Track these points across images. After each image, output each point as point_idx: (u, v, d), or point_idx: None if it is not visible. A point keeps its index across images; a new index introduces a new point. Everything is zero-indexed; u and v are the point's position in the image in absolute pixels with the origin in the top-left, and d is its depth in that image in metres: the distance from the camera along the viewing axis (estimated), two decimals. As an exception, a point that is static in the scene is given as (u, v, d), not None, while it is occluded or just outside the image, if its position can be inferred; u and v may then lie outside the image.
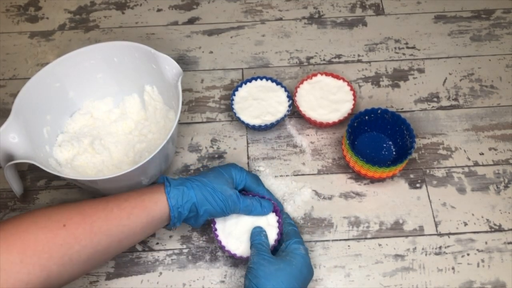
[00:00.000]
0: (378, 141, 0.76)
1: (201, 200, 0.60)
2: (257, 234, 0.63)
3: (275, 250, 0.64)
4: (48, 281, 0.50)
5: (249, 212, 0.64)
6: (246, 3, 0.95)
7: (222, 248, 0.64)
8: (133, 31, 0.91)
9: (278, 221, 0.66)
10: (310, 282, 0.64)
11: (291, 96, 0.78)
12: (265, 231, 0.64)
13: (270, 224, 0.65)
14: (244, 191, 0.67)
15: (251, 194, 0.66)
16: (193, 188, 0.60)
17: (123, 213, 0.56)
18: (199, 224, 0.63)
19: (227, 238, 0.65)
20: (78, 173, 0.72)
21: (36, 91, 0.69)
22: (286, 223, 0.65)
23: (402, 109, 0.81)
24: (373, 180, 0.74)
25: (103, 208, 0.56)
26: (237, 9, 0.94)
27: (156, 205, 0.58)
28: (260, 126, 0.76)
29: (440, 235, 0.69)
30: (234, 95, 0.79)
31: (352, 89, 0.79)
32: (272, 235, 0.65)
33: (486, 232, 0.69)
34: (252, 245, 0.63)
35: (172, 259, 0.68)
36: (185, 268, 0.67)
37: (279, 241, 0.64)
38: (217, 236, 0.65)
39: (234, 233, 0.65)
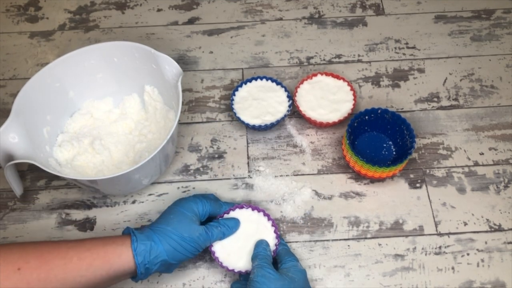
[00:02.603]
0: (378, 141, 0.76)
1: (171, 253, 0.58)
2: (259, 246, 0.62)
3: (274, 260, 0.63)
4: None
5: (221, 238, 0.63)
6: (246, 3, 0.95)
7: (223, 267, 0.63)
8: (133, 31, 0.91)
9: (272, 225, 0.65)
10: (310, 282, 0.64)
11: (291, 96, 0.78)
12: (267, 244, 0.63)
13: (266, 228, 0.65)
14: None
15: (218, 217, 0.65)
16: (160, 242, 0.57)
17: (83, 264, 0.54)
18: (170, 272, 0.62)
19: (227, 256, 0.63)
20: (78, 173, 0.72)
21: (36, 91, 0.69)
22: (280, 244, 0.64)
23: (402, 109, 0.81)
24: (373, 180, 0.74)
25: (63, 256, 0.53)
26: (237, 9, 0.94)
27: (119, 258, 0.55)
28: (260, 126, 0.76)
29: (440, 235, 0.69)
30: (234, 95, 0.79)
31: (352, 89, 0.79)
32: (271, 239, 0.64)
33: (486, 232, 0.69)
34: (254, 257, 0.61)
35: (172, 259, 0.68)
36: (185, 268, 0.67)
37: (276, 248, 0.64)
38: (217, 259, 0.63)
39: (233, 250, 0.64)
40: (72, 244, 0.55)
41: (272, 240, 0.64)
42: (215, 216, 0.65)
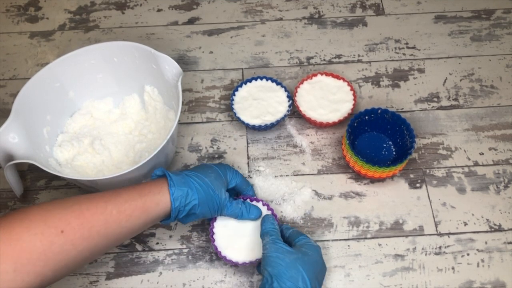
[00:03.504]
0: (378, 141, 0.76)
1: (202, 203, 0.60)
2: (267, 221, 0.63)
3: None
4: (42, 285, 0.50)
5: (235, 216, 0.64)
6: (246, 3, 0.95)
7: (223, 258, 0.64)
8: (133, 31, 0.91)
9: (273, 214, 0.66)
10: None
11: (291, 96, 0.78)
12: (274, 219, 0.64)
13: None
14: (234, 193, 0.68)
15: (242, 198, 0.67)
16: (196, 189, 0.59)
17: (123, 216, 0.55)
18: (186, 222, 0.63)
19: (226, 248, 0.64)
20: (78, 173, 0.72)
21: (36, 91, 0.69)
22: (285, 228, 0.65)
23: (402, 109, 0.81)
24: (373, 180, 0.74)
25: (102, 211, 0.54)
26: (237, 9, 0.94)
27: (157, 206, 0.57)
28: (260, 126, 0.76)
29: (440, 235, 0.69)
30: (234, 95, 0.79)
31: (352, 89, 0.79)
32: None
33: (486, 232, 0.69)
34: (264, 233, 0.62)
35: (172, 259, 0.68)
36: (185, 268, 0.67)
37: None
38: (216, 248, 0.64)
39: (233, 241, 0.65)
40: (109, 197, 0.56)
41: None
42: (237, 193, 0.68)
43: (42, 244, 0.49)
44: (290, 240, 0.63)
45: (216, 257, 0.68)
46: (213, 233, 0.65)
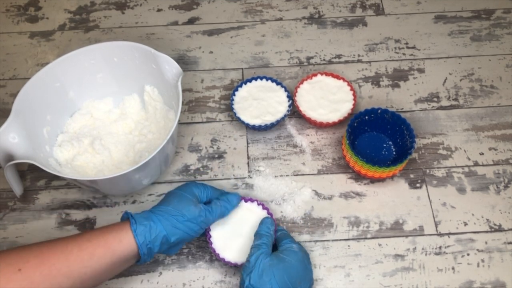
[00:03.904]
0: (378, 141, 0.76)
1: (171, 230, 0.58)
2: (264, 224, 0.63)
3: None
4: None
5: (223, 215, 0.63)
6: (246, 3, 0.95)
7: (221, 260, 0.64)
8: (133, 31, 0.91)
9: (268, 213, 0.67)
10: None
11: (291, 96, 0.78)
12: (272, 224, 0.64)
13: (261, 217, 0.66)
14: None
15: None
16: (160, 220, 0.58)
17: (85, 254, 0.53)
18: (174, 252, 0.62)
19: (224, 250, 0.65)
20: (78, 173, 0.72)
21: (36, 91, 0.69)
22: (278, 230, 0.65)
23: (402, 109, 0.81)
24: (373, 180, 0.74)
25: (62, 250, 0.53)
26: (237, 9, 0.94)
27: (121, 243, 0.55)
28: (260, 126, 0.76)
29: (440, 235, 0.69)
30: (234, 95, 0.79)
31: (352, 89, 0.79)
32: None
33: (486, 232, 0.69)
34: (257, 234, 0.62)
35: (172, 259, 0.68)
36: (185, 268, 0.67)
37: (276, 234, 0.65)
38: (214, 250, 0.64)
39: (230, 243, 0.65)
40: (71, 238, 0.55)
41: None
42: None
43: None
44: (277, 243, 0.63)
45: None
46: (210, 236, 0.65)
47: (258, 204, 0.68)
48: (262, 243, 0.61)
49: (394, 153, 0.75)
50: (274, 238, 0.64)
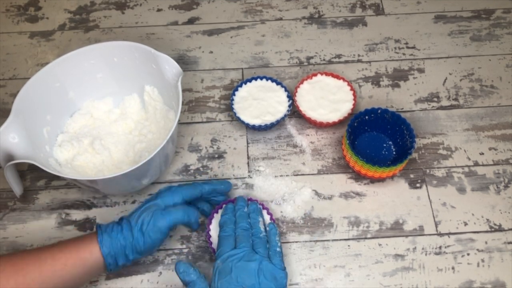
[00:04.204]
0: (378, 141, 0.76)
1: (135, 243, 0.59)
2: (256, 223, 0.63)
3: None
4: None
5: (204, 212, 0.66)
6: (246, 3, 0.95)
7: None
8: (133, 31, 0.91)
9: (268, 213, 0.67)
10: (310, 282, 0.65)
11: (291, 96, 0.78)
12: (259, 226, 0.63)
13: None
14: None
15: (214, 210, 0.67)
16: (122, 231, 0.59)
17: (57, 264, 0.56)
18: (132, 262, 0.62)
19: None
20: (78, 173, 0.72)
21: (36, 91, 0.69)
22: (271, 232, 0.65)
23: (402, 109, 0.81)
24: (373, 180, 0.74)
25: (37, 260, 0.55)
26: (237, 9, 0.94)
27: (91, 255, 0.57)
28: (260, 126, 0.76)
29: (440, 235, 0.69)
30: (234, 95, 0.79)
31: (352, 89, 0.79)
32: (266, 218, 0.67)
33: (486, 232, 0.69)
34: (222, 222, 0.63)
35: (172, 259, 0.68)
36: (185, 268, 0.67)
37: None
38: (214, 250, 0.64)
39: None
40: (45, 249, 0.58)
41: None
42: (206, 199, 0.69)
43: None
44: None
45: (216, 257, 0.68)
46: (210, 236, 0.65)
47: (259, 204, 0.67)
48: (244, 233, 0.61)
49: (394, 153, 0.75)
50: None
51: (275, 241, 0.61)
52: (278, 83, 0.80)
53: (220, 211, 0.67)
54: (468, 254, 0.67)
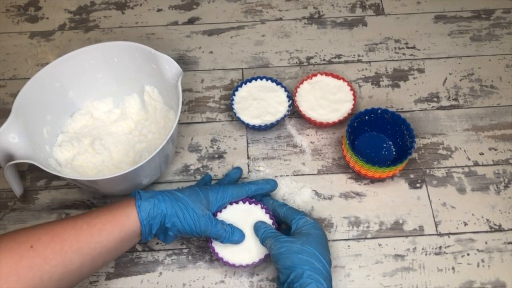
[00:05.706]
0: (378, 141, 0.76)
1: (171, 214, 0.59)
2: (260, 228, 0.63)
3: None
4: None
5: (218, 238, 0.62)
6: (246, 3, 0.95)
7: (220, 260, 0.64)
8: (133, 31, 0.91)
9: (266, 212, 0.66)
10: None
11: (291, 96, 0.78)
12: (264, 222, 0.64)
13: (260, 218, 0.66)
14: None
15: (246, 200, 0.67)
16: (164, 200, 0.59)
17: (94, 230, 0.55)
18: (168, 240, 0.62)
19: (224, 250, 0.64)
20: (78, 173, 0.72)
21: (36, 91, 0.69)
22: (279, 205, 0.65)
23: (402, 109, 0.81)
24: (373, 180, 0.74)
25: (72, 227, 0.54)
26: (237, 9, 0.94)
27: (128, 219, 0.57)
28: (260, 126, 0.76)
29: (440, 235, 0.69)
30: (234, 95, 0.79)
31: (352, 89, 0.79)
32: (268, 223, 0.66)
33: (486, 232, 0.69)
34: (265, 239, 0.62)
35: (172, 259, 0.68)
36: (185, 268, 0.67)
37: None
38: (214, 250, 0.64)
39: (230, 244, 0.64)
40: (80, 216, 0.56)
41: (267, 220, 0.66)
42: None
43: (12, 259, 0.49)
44: (286, 220, 0.64)
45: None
46: (214, 248, 0.65)
47: (256, 204, 0.67)
48: (274, 236, 0.61)
49: (394, 153, 0.75)
50: (281, 215, 0.64)
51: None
52: (278, 83, 0.80)
53: (223, 210, 0.67)
54: (468, 254, 0.67)
